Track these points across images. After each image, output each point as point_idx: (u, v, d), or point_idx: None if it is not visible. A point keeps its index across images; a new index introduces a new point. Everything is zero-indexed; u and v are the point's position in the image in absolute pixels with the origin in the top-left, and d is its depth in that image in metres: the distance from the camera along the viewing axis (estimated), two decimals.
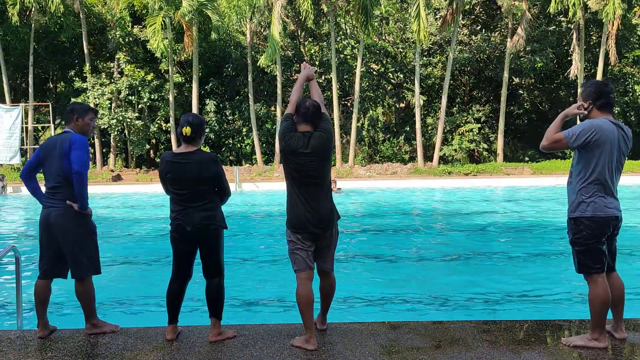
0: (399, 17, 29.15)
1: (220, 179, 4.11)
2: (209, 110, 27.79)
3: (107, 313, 6.12)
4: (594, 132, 3.64)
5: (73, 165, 3.93)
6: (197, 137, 4.05)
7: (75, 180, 3.99)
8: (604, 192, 3.71)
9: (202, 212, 4.03)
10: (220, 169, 4.12)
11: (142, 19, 25.60)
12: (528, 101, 30.61)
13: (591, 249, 3.71)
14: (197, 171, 3.97)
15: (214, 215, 4.08)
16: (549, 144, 3.80)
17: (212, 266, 4.16)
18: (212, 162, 4.05)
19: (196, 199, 4.03)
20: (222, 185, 4.14)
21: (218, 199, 4.15)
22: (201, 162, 4.00)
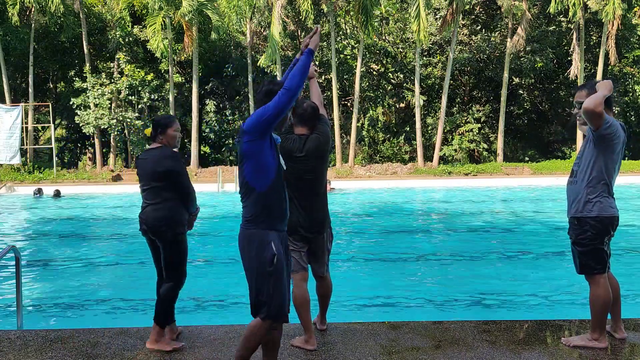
0: (399, 17, 29.13)
1: (175, 176, 3.89)
2: (209, 110, 27.78)
3: (108, 313, 6.12)
4: (617, 131, 3.63)
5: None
6: (157, 134, 3.99)
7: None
8: (608, 193, 3.71)
9: (156, 212, 3.88)
10: (177, 165, 3.91)
11: (142, 19, 25.59)
12: (528, 101, 30.61)
13: (594, 250, 3.70)
14: (151, 167, 3.89)
15: (168, 217, 3.87)
16: (591, 109, 3.49)
17: (164, 269, 3.96)
18: (167, 158, 3.89)
19: (152, 196, 3.93)
20: (180, 185, 3.91)
21: (179, 200, 3.93)
22: (157, 158, 3.90)
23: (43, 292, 7.05)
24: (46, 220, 14.06)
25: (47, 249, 10.32)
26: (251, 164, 3.03)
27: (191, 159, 25.92)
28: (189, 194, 3.96)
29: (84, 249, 9.93)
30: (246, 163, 3.04)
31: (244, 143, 3.01)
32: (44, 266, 8.71)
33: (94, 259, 8.97)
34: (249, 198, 3.10)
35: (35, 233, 12.27)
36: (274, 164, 3.06)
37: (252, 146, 3.00)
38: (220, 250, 9.93)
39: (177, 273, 3.94)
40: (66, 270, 8.36)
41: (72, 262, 8.94)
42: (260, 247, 3.06)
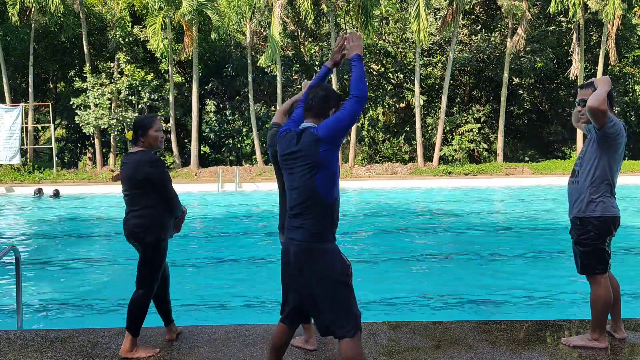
0: (399, 17, 29.13)
1: (155, 183, 3.73)
2: (209, 110, 27.78)
3: (108, 313, 6.12)
4: (621, 132, 3.61)
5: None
6: (138, 137, 3.83)
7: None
8: (610, 193, 3.70)
9: (137, 218, 3.76)
10: (158, 171, 3.74)
11: (142, 19, 25.59)
12: (528, 101, 30.61)
13: (596, 250, 3.70)
14: (131, 173, 3.74)
15: (147, 224, 3.74)
16: (596, 108, 3.45)
17: (138, 274, 3.86)
18: (147, 164, 3.72)
19: (132, 202, 3.80)
20: (162, 191, 3.77)
21: (160, 207, 3.79)
22: (136, 163, 3.74)
23: (43, 292, 7.05)
24: (46, 220, 14.06)
25: (47, 249, 10.32)
26: (325, 174, 2.87)
27: (191, 159, 25.92)
28: (172, 200, 3.81)
29: (84, 249, 9.93)
30: (319, 173, 2.86)
31: (321, 153, 2.84)
32: (44, 266, 8.71)
33: (94, 259, 8.97)
34: (316, 210, 2.88)
35: (35, 233, 12.27)
36: (339, 173, 2.98)
37: (328, 155, 2.86)
38: (220, 251, 9.93)
39: (150, 279, 3.84)
40: (66, 270, 8.36)
41: (72, 262, 8.95)
42: (334, 260, 2.88)
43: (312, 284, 2.87)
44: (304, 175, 2.88)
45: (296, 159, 2.90)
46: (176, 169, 25.72)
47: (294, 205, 2.93)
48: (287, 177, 3.00)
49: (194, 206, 16.73)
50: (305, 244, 2.88)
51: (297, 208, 2.91)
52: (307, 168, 2.87)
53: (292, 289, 3.02)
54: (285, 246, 3.00)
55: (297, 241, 2.89)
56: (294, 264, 2.92)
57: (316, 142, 2.84)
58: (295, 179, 2.92)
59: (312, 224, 2.87)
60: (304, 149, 2.87)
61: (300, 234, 2.88)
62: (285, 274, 3.04)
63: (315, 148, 2.84)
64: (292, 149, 2.93)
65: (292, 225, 2.94)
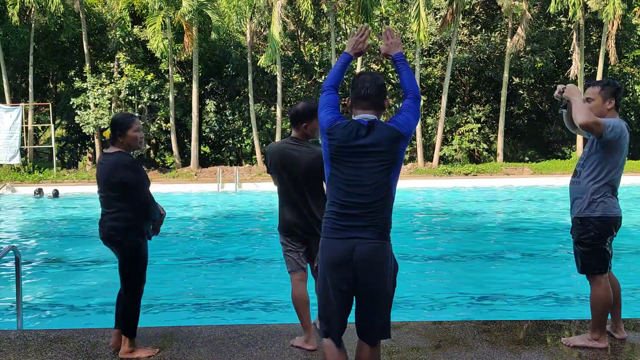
0: (399, 17, 29.12)
1: (130, 187, 3.61)
2: (209, 110, 27.78)
3: (108, 313, 6.12)
4: (622, 132, 3.59)
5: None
6: (115, 137, 3.69)
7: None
8: (612, 193, 3.70)
9: (113, 221, 3.66)
10: (133, 176, 3.62)
11: (142, 19, 25.59)
12: (528, 101, 30.61)
13: (597, 250, 3.69)
14: (106, 175, 3.64)
15: (124, 227, 3.65)
16: (590, 122, 3.46)
17: (122, 279, 3.81)
18: (123, 167, 3.59)
19: (107, 205, 3.70)
20: (138, 196, 3.65)
21: (137, 210, 3.68)
22: (113, 165, 3.62)
23: (43, 292, 7.05)
24: (46, 220, 14.06)
25: (47, 249, 10.32)
26: (398, 171, 2.75)
27: (191, 159, 25.92)
28: (148, 204, 3.69)
29: (84, 249, 9.93)
30: (394, 170, 2.72)
31: (402, 151, 2.72)
32: (44, 266, 8.71)
33: (94, 259, 8.96)
34: (387, 207, 2.73)
35: (35, 233, 12.26)
36: None
37: (404, 153, 2.76)
38: (220, 250, 9.93)
39: (136, 282, 3.77)
40: (66, 270, 8.36)
41: (72, 262, 8.95)
42: (393, 261, 2.82)
43: (375, 283, 2.72)
44: (380, 171, 2.67)
45: (368, 154, 2.66)
46: (176, 169, 25.72)
47: (363, 202, 2.67)
48: (347, 170, 2.70)
49: (194, 206, 16.74)
50: (377, 243, 2.69)
51: (366, 206, 2.67)
52: (384, 164, 2.67)
53: (343, 291, 2.73)
54: (336, 247, 2.70)
55: (365, 240, 2.66)
56: (357, 264, 2.66)
57: (397, 139, 2.68)
58: (366, 175, 2.67)
59: (383, 221, 2.71)
60: (383, 145, 2.66)
61: (370, 233, 2.67)
62: (335, 276, 2.71)
63: (397, 145, 2.68)
64: (359, 142, 2.67)
65: (357, 224, 2.67)
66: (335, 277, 2.72)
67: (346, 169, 2.71)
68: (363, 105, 2.74)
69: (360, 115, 2.73)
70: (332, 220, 2.73)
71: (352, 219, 2.68)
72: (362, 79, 2.75)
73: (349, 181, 2.69)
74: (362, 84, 2.73)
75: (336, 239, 2.69)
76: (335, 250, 2.69)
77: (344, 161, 2.71)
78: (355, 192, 2.68)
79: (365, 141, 2.66)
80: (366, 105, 2.73)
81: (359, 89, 2.74)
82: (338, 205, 2.71)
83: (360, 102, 2.74)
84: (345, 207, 2.69)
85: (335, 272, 2.71)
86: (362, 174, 2.67)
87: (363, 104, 2.74)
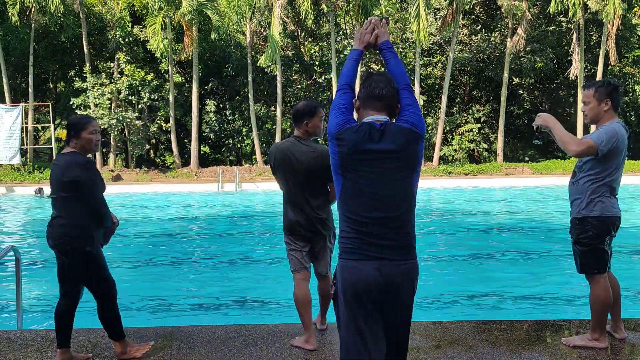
0: (399, 17, 29.13)
1: (82, 187, 3.42)
2: (209, 110, 27.78)
3: None
4: (617, 138, 3.57)
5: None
6: (70, 138, 3.55)
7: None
8: (610, 193, 3.70)
9: (63, 227, 3.50)
10: (86, 175, 3.44)
11: (142, 19, 25.59)
12: (528, 101, 30.61)
13: (595, 249, 3.70)
14: (58, 175, 3.47)
15: (72, 235, 3.47)
16: (582, 150, 3.50)
17: (91, 290, 3.65)
18: (76, 166, 3.43)
19: (58, 208, 3.54)
20: (89, 198, 3.45)
21: (88, 216, 3.49)
22: (65, 165, 3.45)
23: (43, 292, 7.05)
24: (46, 220, 14.04)
25: (47, 249, 10.27)
26: (417, 178, 2.45)
27: (191, 159, 25.93)
28: (99, 209, 3.50)
29: None
30: (415, 175, 2.42)
31: (420, 153, 2.43)
32: (44, 266, 8.71)
33: None
34: (411, 218, 2.40)
35: (35, 233, 12.26)
36: None
37: (422, 156, 2.46)
38: (220, 250, 9.93)
39: (105, 286, 3.64)
40: None
41: None
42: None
43: (402, 312, 2.38)
44: (399, 179, 2.36)
45: (384, 160, 2.34)
46: (176, 169, 25.72)
47: (384, 217, 2.33)
48: (361, 180, 2.36)
49: (194, 206, 16.74)
50: (406, 263, 2.34)
51: (387, 220, 2.33)
52: (403, 170, 2.37)
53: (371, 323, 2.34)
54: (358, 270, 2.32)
55: (392, 261, 2.31)
56: (384, 289, 2.30)
57: (416, 140, 2.40)
58: (383, 185, 2.34)
59: (408, 237, 2.37)
60: (400, 148, 2.36)
61: (396, 252, 2.32)
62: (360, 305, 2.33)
63: (415, 147, 2.40)
64: (373, 147, 2.35)
65: (380, 243, 2.32)
66: (360, 307, 2.33)
67: (360, 179, 2.36)
68: (376, 106, 2.46)
69: (372, 117, 2.43)
70: (350, 240, 2.36)
71: (373, 237, 2.33)
72: (376, 78, 2.50)
73: (364, 193, 2.35)
74: (375, 83, 2.47)
75: (356, 261, 2.33)
76: (357, 274, 2.32)
77: (357, 170, 2.36)
78: (374, 205, 2.33)
79: (380, 145, 2.35)
80: (379, 106, 2.45)
81: (372, 89, 2.47)
82: (354, 222, 2.35)
83: (372, 103, 2.46)
84: (364, 223, 2.33)
85: (360, 300, 2.32)
86: (379, 184, 2.34)
87: (376, 105, 2.46)
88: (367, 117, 2.44)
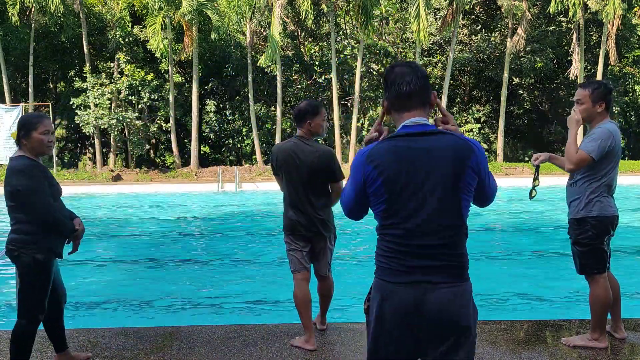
0: (399, 17, 29.14)
1: (22, 197, 3.15)
2: (209, 110, 27.79)
3: (108, 313, 6.13)
4: (612, 140, 3.59)
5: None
6: (20, 138, 3.27)
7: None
8: (608, 192, 3.71)
9: (12, 233, 3.25)
10: (25, 184, 3.14)
11: (142, 19, 25.60)
12: (528, 101, 30.63)
13: (594, 249, 3.70)
14: (4, 181, 3.23)
15: (21, 242, 3.19)
16: (576, 166, 3.60)
17: (17, 301, 3.33)
18: (14, 174, 3.16)
19: (10, 216, 3.28)
20: (31, 208, 3.17)
21: (38, 223, 3.21)
22: (9, 172, 3.20)
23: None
24: None
25: None
26: (471, 191, 2.14)
27: (191, 159, 25.93)
28: (45, 219, 3.19)
29: (84, 249, 9.93)
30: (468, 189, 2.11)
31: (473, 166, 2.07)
32: None
33: (94, 259, 8.97)
34: (463, 242, 2.13)
35: None
36: None
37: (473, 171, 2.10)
38: (220, 251, 9.93)
39: (31, 306, 3.27)
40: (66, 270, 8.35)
41: (71, 262, 8.94)
42: (473, 305, 2.10)
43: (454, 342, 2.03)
44: (449, 194, 2.04)
45: (430, 172, 2.02)
46: (176, 169, 25.73)
47: (433, 240, 2.04)
48: (402, 201, 2.04)
49: (194, 206, 16.75)
50: (455, 286, 2.04)
51: (436, 243, 2.04)
52: (452, 182, 2.04)
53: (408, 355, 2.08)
54: (399, 294, 2.04)
55: (438, 284, 2.01)
56: (429, 316, 2.01)
57: (468, 149, 2.06)
58: (432, 202, 2.02)
59: (460, 258, 2.08)
60: (449, 156, 2.03)
61: (444, 275, 2.03)
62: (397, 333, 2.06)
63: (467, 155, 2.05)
64: (416, 158, 2.03)
65: (427, 264, 2.03)
66: (397, 335, 2.06)
67: (402, 198, 2.04)
68: (407, 105, 2.10)
69: (407, 120, 2.10)
70: (390, 259, 2.08)
71: (419, 258, 2.04)
72: (399, 72, 2.12)
73: (409, 215, 2.04)
74: (400, 78, 2.10)
75: (396, 284, 2.05)
76: (398, 298, 2.05)
77: (399, 187, 2.04)
78: (421, 228, 2.03)
79: (423, 154, 2.03)
80: (411, 105, 2.10)
81: (397, 85, 2.10)
82: (398, 244, 2.07)
83: (402, 102, 2.11)
84: (410, 246, 2.05)
85: (398, 328, 2.05)
86: (426, 201, 2.03)
87: (407, 104, 2.10)
88: (401, 122, 2.11)
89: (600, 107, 3.69)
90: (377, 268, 2.18)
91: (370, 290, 2.24)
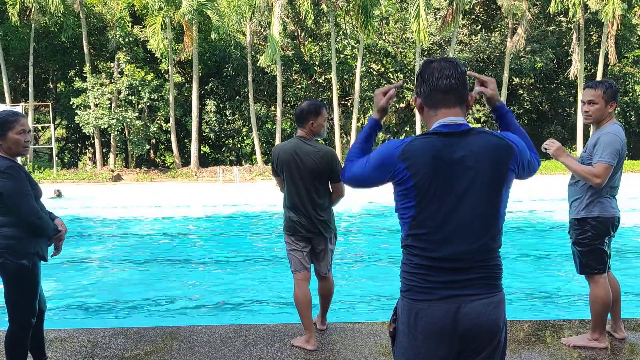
0: (399, 17, 29.15)
1: (2, 199, 3.01)
2: (209, 110, 27.80)
3: (108, 313, 6.12)
4: (621, 142, 3.59)
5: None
6: None
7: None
8: (609, 193, 3.70)
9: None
10: (7, 185, 3.00)
11: (142, 19, 25.62)
12: (528, 101, 30.63)
13: (595, 250, 3.69)
14: None
15: (5, 246, 3.05)
16: (605, 178, 3.51)
17: (6, 307, 3.18)
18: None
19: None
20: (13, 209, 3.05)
21: (19, 225, 3.07)
22: None
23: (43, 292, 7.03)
24: None
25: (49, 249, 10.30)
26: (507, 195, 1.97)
27: (191, 159, 25.93)
28: (29, 221, 3.08)
29: (84, 249, 9.93)
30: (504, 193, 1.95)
31: (513, 169, 1.96)
32: (45, 266, 8.70)
33: (94, 259, 8.96)
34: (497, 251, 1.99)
35: None
36: None
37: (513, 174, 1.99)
38: (220, 250, 9.93)
39: (22, 312, 3.17)
40: (66, 270, 8.35)
41: (71, 262, 8.94)
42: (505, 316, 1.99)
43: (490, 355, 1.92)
44: (485, 199, 1.89)
45: (466, 175, 1.86)
46: (176, 168, 25.73)
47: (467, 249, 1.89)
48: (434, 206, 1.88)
49: (194, 206, 16.75)
50: (490, 297, 1.90)
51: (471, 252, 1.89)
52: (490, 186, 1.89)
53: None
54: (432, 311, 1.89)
55: (473, 297, 1.87)
56: (465, 331, 1.87)
57: (509, 150, 1.93)
58: (467, 207, 1.87)
59: (495, 268, 1.95)
60: (487, 158, 1.88)
61: (480, 287, 1.90)
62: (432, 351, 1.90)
63: (506, 158, 1.92)
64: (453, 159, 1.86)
65: (461, 279, 1.89)
66: (432, 354, 1.90)
67: (434, 204, 1.88)
68: (446, 102, 1.92)
69: (444, 119, 1.92)
70: (421, 276, 1.92)
71: (452, 273, 1.88)
72: (438, 66, 1.94)
73: (442, 221, 1.88)
74: (439, 72, 1.92)
75: (428, 301, 1.89)
76: (431, 317, 1.88)
77: (432, 192, 1.87)
78: (455, 236, 1.88)
79: (461, 156, 1.86)
80: (450, 102, 1.93)
81: (436, 79, 1.92)
82: (428, 258, 1.91)
83: (440, 98, 1.93)
84: (441, 259, 1.89)
85: (433, 346, 1.89)
86: (460, 207, 1.87)
87: (446, 101, 1.92)
88: (438, 120, 1.94)
89: (612, 107, 3.66)
90: (403, 285, 1.98)
91: (395, 310, 2.04)
